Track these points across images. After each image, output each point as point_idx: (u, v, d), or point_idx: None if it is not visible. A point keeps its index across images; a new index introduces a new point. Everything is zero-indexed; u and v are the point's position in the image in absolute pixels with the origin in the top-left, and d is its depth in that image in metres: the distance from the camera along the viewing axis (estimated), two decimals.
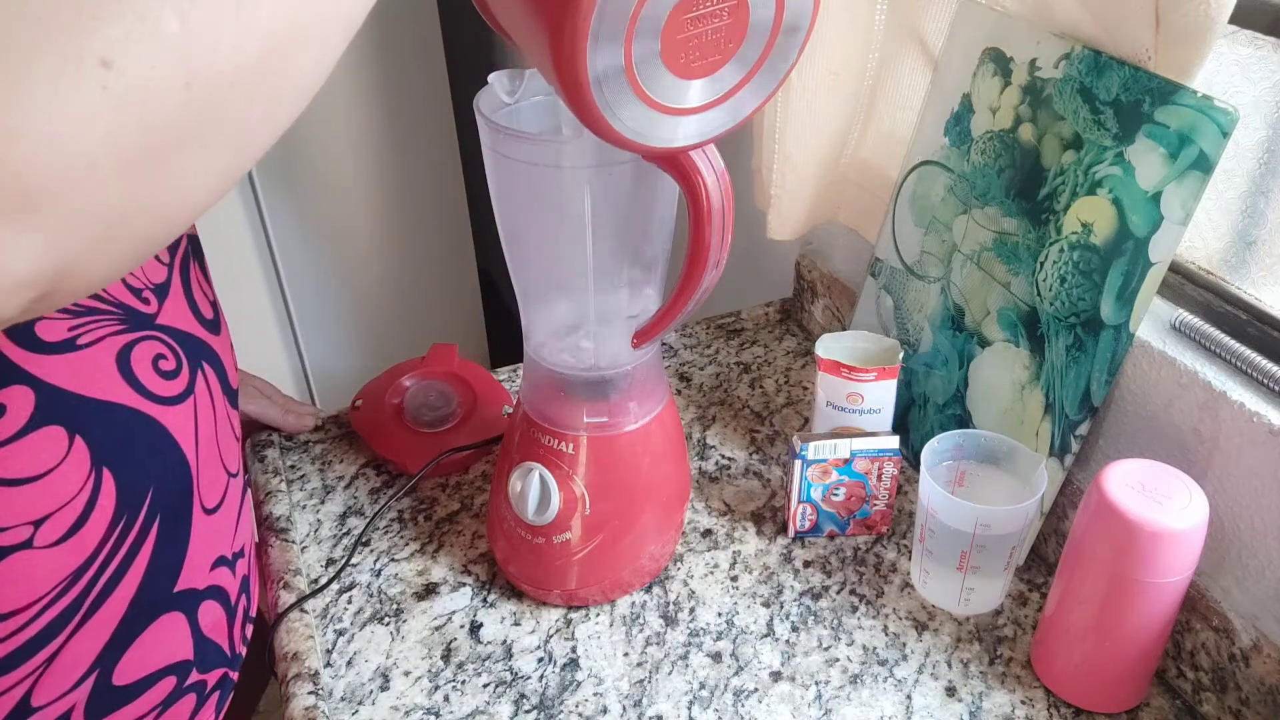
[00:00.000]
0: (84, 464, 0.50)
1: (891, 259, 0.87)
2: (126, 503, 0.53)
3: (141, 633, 0.55)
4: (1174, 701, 0.66)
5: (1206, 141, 0.59)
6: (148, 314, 0.54)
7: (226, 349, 0.64)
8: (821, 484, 0.76)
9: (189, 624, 0.59)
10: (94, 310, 0.50)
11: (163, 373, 0.55)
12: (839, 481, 0.76)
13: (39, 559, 0.49)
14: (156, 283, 0.55)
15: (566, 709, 0.66)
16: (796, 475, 0.75)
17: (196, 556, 0.58)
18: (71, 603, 0.51)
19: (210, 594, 0.60)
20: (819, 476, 0.76)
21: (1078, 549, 0.61)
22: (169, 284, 0.57)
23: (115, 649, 0.54)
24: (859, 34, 0.82)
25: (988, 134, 0.75)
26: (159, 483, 0.54)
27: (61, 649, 0.51)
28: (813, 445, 0.74)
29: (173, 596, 0.57)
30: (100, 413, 0.51)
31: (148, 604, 0.55)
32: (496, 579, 0.76)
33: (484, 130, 0.59)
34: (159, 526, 0.55)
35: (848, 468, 0.75)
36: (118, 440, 0.52)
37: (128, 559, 0.53)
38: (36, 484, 0.48)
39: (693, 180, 0.55)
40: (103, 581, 0.52)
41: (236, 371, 0.67)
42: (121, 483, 0.52)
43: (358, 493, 0.85)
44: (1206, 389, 0.61)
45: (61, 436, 0.49)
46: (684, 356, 1.03)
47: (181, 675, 0.59)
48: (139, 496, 0.53)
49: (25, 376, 0.47)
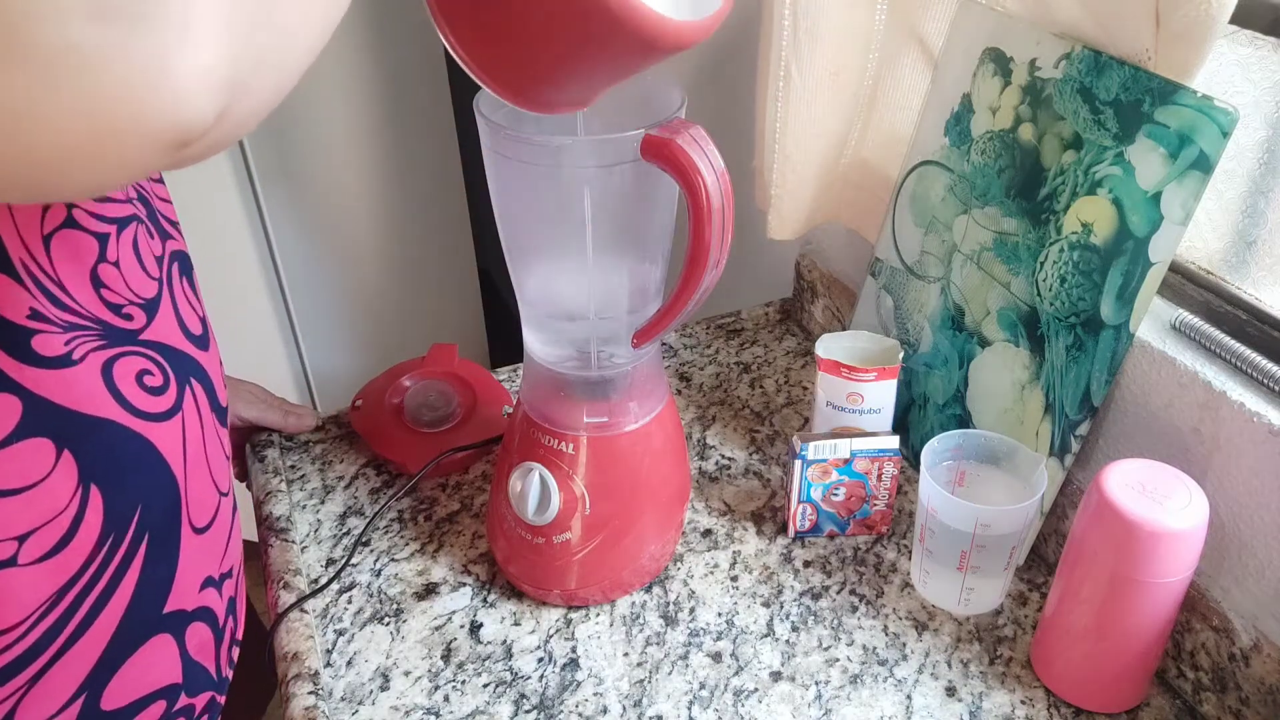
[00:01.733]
0: (71, 478, 0.49)
1: (891, 259, 0.87)
2: (114, 521, 0.51)
3: (130, 655, 0.54)
4: (1174, 701, 0.66)
5: (1206, 141, 0.59)
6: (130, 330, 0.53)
7: (215, 366, 0.63)
8: (822, 484, 0.76)
9: (178, 646, 0.58)
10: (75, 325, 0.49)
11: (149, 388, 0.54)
12: (839, 481, 0.76)
13: (23, 576, 0.48)
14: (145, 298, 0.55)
15: (566, 709, 0.66)
16: (796, 475, 0.75)
17: (186, 577, 0.57)
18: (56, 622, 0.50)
19: (199, 615, 0.59)
20: (819, 476, 0.76)
21: (1078, 549, 0.61)
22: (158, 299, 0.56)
23: (103, 671, 0.53)
24: (859, 34, 0.82)
25: (988, 134, 0.75)
26: (147, 501, 0.53)
27: (47, 670, 0.50)
28: (813, 445, 0.74)
29: (162, 618, 0.56)
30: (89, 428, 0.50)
31: (137, 625, 0.54)
32: (496, 579, 0.76)
33: (484, 130, 0.59)
34: (147, 546, 0.54)
35: (848, 468, 0.75)
36: (106, 456, 0.50)
37: (115, 579, 0.52)
38: (21, 496, 0.47)
39: (693, 180, 0.55)
40: (89, 601, 0.51)
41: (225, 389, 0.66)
42: (109, 500, 0.51)
43: (358, 493, 0.85)
44: (1206, 389, 0.61)
45: (49, 449, 0.48)
46: (684, 356, 1.03)
47: (171, 699, 0.58)
48: (127, 514, 0.52)
49: (13, 386, 0.46)
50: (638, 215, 0.63)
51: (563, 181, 0.60)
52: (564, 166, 0.59)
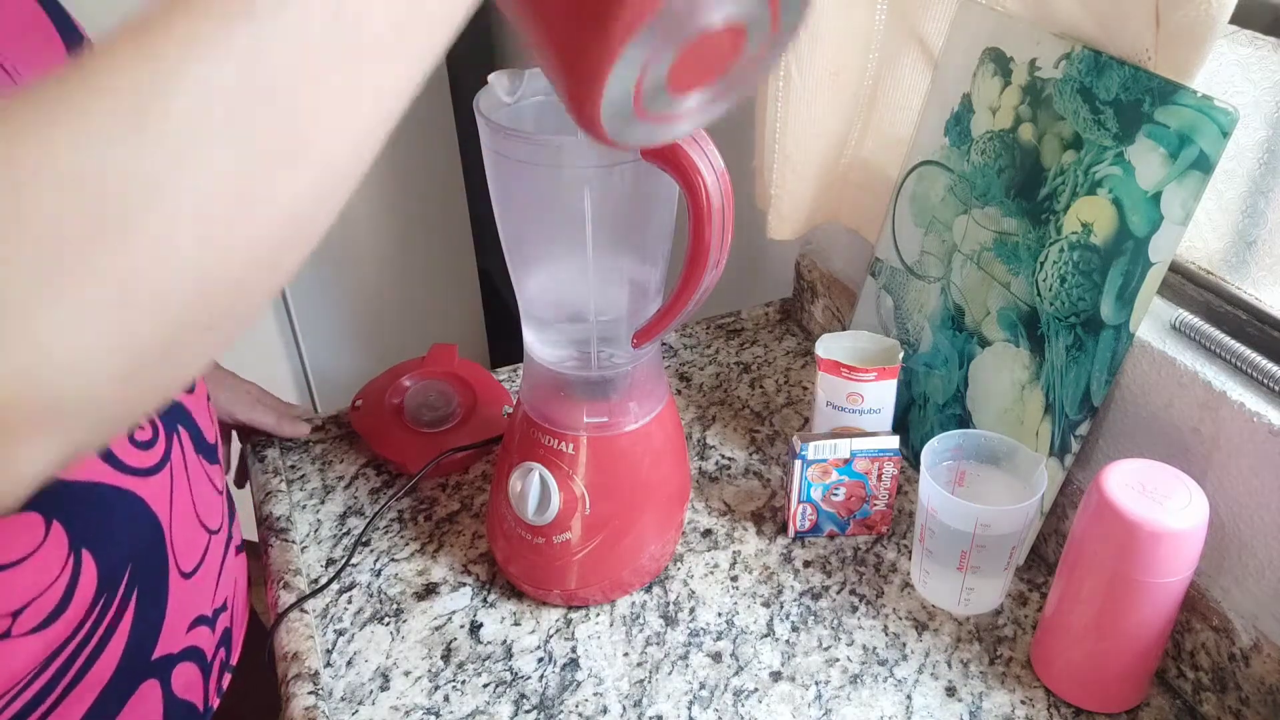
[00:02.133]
0: (62, 547, 0.49)
1: (891, 259, 0.87)
2: (107, 581, 0.51)
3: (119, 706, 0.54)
4: (1174, 701, 0.66)
5: (1206, 141, 0.59)
6: None
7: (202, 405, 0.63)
8: (821, 484, 0.76)
9: (162, 690, 0.58)
10: None
11: (139, 444, 0.54)
12: (839, 481, 0.76)
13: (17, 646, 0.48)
14: None
15: (566, 709, 0.66)
16: (796, 475, 0.75)
17: (173, 621, 0.57)
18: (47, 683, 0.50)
19: (186, 656, 0.59)
20: (819, 476, 0.76)
21: (1078, 549, 0.61)
22: None
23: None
24: (859, 34, 0.82)
25: (988, 134, 0.75)
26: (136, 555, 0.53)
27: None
28: (813, 445, 0.74)
29: (149, 665, 0.56)
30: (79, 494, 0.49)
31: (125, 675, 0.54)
32: (496, 579, 0.76)
33: (484, 130, 0.59)
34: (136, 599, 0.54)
35: (848, 468, 0.75)
36: (96, 519, 0.50)
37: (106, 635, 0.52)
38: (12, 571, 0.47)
39: (693, 180, 0.55)
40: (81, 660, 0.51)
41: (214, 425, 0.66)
42: (101, 562, 0.51)
43: (358, 493, 0.85)
44: (1206, 389, 0.61)
45: (38, 523, 0.48)
46: (684, 356, 1.03)
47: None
48: (119, 572, 0.52)
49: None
50: (638, 215, 0.63)
51: (563, 181, 0.60)
52: (564, 166, 0.59)
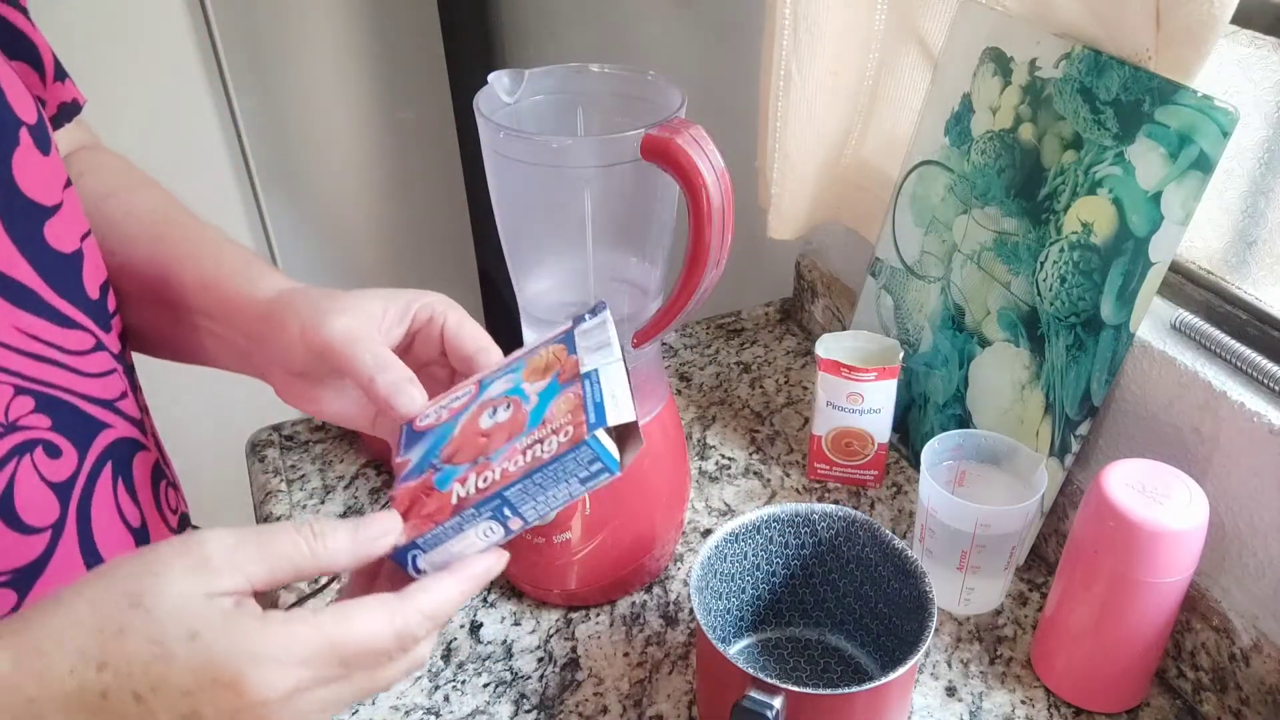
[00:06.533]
0: None
1: (891, 259, 0.87)
2: None
3: None
4: (1174, 701, 0.66)
5: (1207, 141, 0.59)
6: None
7: None
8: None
9: None
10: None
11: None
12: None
13: None
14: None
15: (566, 709, 0.66)
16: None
17: None
18: None
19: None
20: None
21: (1078, 549, 0.61)
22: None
23: None
24: (859, 34, 0.82)
25: (988, 134, 0.75)
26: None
27: None
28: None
29: None
30: None
31: None
32: (496, 579, 0.76)
33: (484, 130, 0.59)
34: None
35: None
36: None
37: None
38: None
39: (693, 180, 0.55)
40: None
41: None
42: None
43: (358, 493, 0.85)
44: (1206, 389, 0.61)
45: None
46: (684, 356, 1.03)
47: None
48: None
49: None
50: (637, 215, 0.63)
51: (563, 181, 0.60)
52: (564, 166, 0.59)
